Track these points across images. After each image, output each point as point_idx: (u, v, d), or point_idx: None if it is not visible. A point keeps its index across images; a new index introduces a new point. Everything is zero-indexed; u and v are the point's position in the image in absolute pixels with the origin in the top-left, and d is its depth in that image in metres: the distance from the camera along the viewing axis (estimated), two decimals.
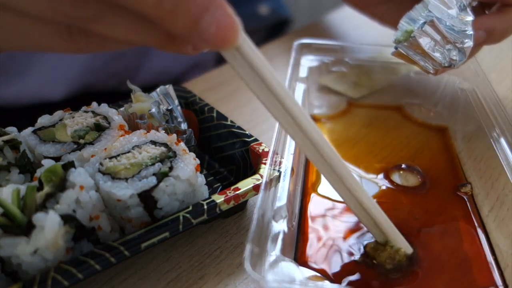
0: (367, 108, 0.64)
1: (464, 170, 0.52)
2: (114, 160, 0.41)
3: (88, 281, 0.41)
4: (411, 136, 0.59)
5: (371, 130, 0.60)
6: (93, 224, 0.38)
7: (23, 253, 0.34)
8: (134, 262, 0.43)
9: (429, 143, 0.58)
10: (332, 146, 0.35)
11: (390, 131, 0.60)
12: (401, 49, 0.52)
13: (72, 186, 0.37)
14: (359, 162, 0.54)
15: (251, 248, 0.34)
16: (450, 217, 0.46)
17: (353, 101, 0.65)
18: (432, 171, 0.52)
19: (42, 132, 0.46)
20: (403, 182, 0.51)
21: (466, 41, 0.50)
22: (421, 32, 0.49)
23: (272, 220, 0.39)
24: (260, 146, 0.48)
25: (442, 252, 0.42)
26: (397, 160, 0.54)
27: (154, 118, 0.49)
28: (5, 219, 0.35)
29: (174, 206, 0.41)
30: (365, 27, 0.87)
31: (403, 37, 0.52)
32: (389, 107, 0.64)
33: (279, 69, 0.77)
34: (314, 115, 0.63)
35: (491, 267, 0.41)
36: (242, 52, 0.30)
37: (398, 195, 0.49)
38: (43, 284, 0.34)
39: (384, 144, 0.57)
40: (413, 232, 0.44)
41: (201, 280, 0.42)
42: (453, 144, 0.57)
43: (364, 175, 0.52)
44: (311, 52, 0.65)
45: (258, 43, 0.88)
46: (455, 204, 0.48)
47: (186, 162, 0.41)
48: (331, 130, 0.61)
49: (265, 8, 1.03)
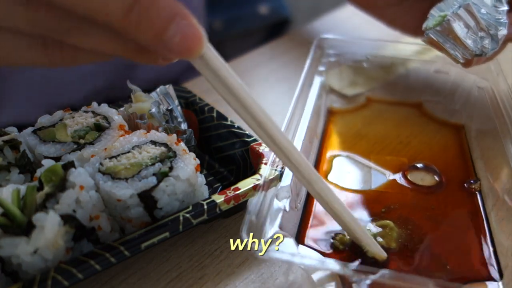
0: (385, 104, 0.64)
1: (476, 168, 0.52)
2: (114, 160, 0.41)
3: (88, 281, 0.41)
4: (426, 132, 0.59)
5: (386, 125, 0.60)
6: (93, 224, 0.38)
7: (23, 253, 0.35)
8: (134, 262, 0.43)
9: (444, 140, 0.58)
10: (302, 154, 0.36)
11: (406, 127, 0.60)
12: (432, 35, 0.51)
13: (72, 186, 0.37)
14: (370, 155, 0.54)
15: (249, 217, 0.36)
16: (457, 212, 0.46)
17: (372, 96, 0.65)
18: (445, 168, 0.52)
19: (42, 132, 0.46)
20: (417, 180, 0.51)
21: (500, 29, 0.48)
22: (455, 15, 0.48)
23: (275, 198, 0.40)
24: (260, 146, 0.48)
25: (442, 243, 0.43)
26: (411, 156, 0.54)
27: (154, 118, 0.49)
28: (5, 219, 0.35)
29: (174, 206, 0.41)
30: (365, 27, 0.87)
31: (436, 21, 0.51)
32: (408, 103, 0.64)
33: (279, 69, 0.77)
34: (332, 108, 0.63)
35: (491, 263, 0.41)
36: (206, 59, 0.31)
37: (405, 189, 0.49)
38: (43, 284, 0.34)
39: (399, 140, 0.57)
40: (417, 223, 0.45)
41: (201, 280, 0.42)
42: (468, 142, 0.57)
43: (374, 167, 0.52)
44: (332, 47, 0.64)
45: (258, 43, 0.89)
46: (464, 199, 0.48)
47: (186, 162, 0.41)
48: (346, 123, 0.61)
49: (265, 8, 1.03)
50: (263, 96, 0.70)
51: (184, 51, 0.29)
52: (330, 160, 0.54)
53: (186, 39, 0.29)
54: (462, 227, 0.45)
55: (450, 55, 0.52)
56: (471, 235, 0.44)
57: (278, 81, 0.74)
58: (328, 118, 0.61)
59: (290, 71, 0.77)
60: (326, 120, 0.61)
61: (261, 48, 0.84)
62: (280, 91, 0.71)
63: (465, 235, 0.44)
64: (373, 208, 0.46)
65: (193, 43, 0.29)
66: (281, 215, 0.40)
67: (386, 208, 0.46)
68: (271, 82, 0.74)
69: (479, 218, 0.46)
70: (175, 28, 0.28)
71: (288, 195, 0.41)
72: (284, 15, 1.04)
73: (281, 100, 0.69)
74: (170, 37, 0.29)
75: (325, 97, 0.63)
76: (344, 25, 0.92)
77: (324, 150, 0.55)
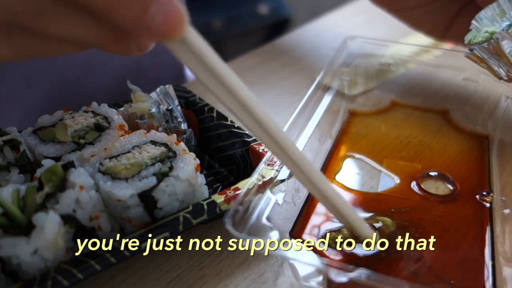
0: (410, 109, 0.64)
1: (491, 180, 0.51)
2: (114, 160, 0.41)
3: (88, 281, 0.41)
4: (446, 140, 0.58)
5: (407, 130, 0.59)
6: (93, 224, 0.38)
7: (23, 253, 0.34)
8: (134, 262, 0.43)
9: (465, 149, 0.56)
10: (287, 134, 0.35)
11: (427, 133, 0.59)
12: (477, 52, 0.49)
13: (72, 186, 0.37)
14: (383, 158, 0.54)
15: (235, 207, 0.36)
16: (463, 223, 0.46)
17: (397, 100, 0.65)
18: (460, 177, 0.51)
19: (42, 132, 0.46)
20: (430, 188, 0.50)
21: None
22: (505, 34, 0.46)
23: (269, 191, 0.40)
24: (260, 146, 0.48)
25: (441, 252, 0.42)
26: (427, 162, 0.53)
27: (154, 118, 0.49)
28: (5, 219, 0.35)
29: (174, 206, 0.41)
30: (366, 27, 0.87)
31: (483, 38, 0.49)
32: (433, 110, 0.63)
33: (279, 68, 0.77)
34: (355, 109, 0.63)
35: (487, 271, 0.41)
36: (188, 43, 0.29)
37: (413, 195, 0.49)
38: (43, 284, 0.34)
39: (417, 146, 0.57)
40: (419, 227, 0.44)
41: (201, 280, 0.42)
42: (489, 153, 0.55)
43: (385, 171, 0.52)
44: (358, 48, 0.64)
45: (258, 43, 0.89)
46: (473, 210, 0.47)
47: (186, 162, 0.41)
48: (366, 126, 0.60)
49: (265, 8, 1.03)
50: (263, 96, 0.70)
51: (166, 32, 0.28)
52: (341, 160, 0.54)
53: (168, 18, 0.27)
54: (466, 238, 0.44)
55: (494, 72, 0.50)
56: (473, 247, 0.43)
57: (278, 81, 0.74)
58: (348, 119, 0.61)
59: (290, 71, 0.77)
60: (345, 120, 0.60)
61: (261, 48, 0.84)
62: (280, 91, 0.71)
63: (467, 247, 0.43)
64: (374, 209, 0.46)
65: (175, 23, 0.28)
66: (271, 208, 0.39)
67: (394, 209, 0.46)
68: (271, 82, 0.74)
69: (484, 231, 0.45)
70: (157, 7, 0.27)
71: (284, 189, 0.41)
72: (284, 15, 1.05)
73: (281, 100, 0.69)
74: (151, 17, 0.27)
75: (345, 98, 0.63)
76: (344, 25, 0.92)
77: (336, 149, 0.55)
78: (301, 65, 0.79)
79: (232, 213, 0.35)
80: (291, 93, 0.71)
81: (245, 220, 0.37)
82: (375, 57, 0.65)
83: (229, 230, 0.34)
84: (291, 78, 0.75)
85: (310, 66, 0.79)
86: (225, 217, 0.35)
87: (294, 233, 0.43)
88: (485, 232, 0.44)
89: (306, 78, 0.74)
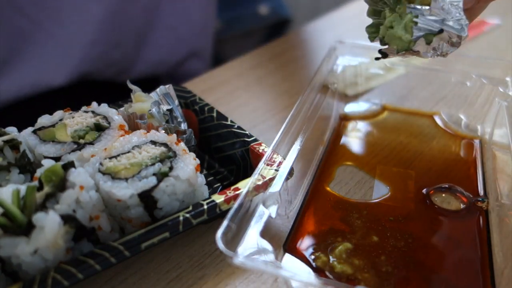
0: (401, 113, 0.64)
1: (486, 184, 0.51)
2: (114, 160, 0.41)
3: (88, 281, 0.41)
4: (439, 144, 0.57)
5: (400, 135, 0.59)
6: (93, 224, 0.38)
7: (23, 253, 0.34)
8: (134, 262, 0.43)
9: (458, 153, 0.56)
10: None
11: (419, 138, 0.59)
12: (394, 55, 0.47)
13: (72, 186, 0.37)
14: (377, 164, 0.53)
15: (227, 223, 0.35)
16: (457, 228, 0.46)
17: (388, 104, 0.64)
18: (455, 182, 0.51)
19: (42, 132, 0.46)
20: (443, 204, 0.48)
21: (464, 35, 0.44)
22: (421, 43, 0.44)
23: (261, 204, 0.39)
24: (260, 146, 0.48)
25: (436, 258, 0.42)
26: (420, 168, 0.53)
27: (154, 118, 0.49)
28: (5, 219, 0.35)
29: (174, 206, 0.41)
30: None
31: (401, 46, 0.46)
32: (424, 114, 0.63)
33: (278, 69, 0.77)
34: (346, 114, 0.63)
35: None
36: None
37: (408, 203, 0.48)
38: (43, 284, 0.34)
39: (410, 150, 0.56)
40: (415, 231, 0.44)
41: (201, 280, 0.42)
42: (482, 156, 0.55)
43: (378, 178, 0.51)
44: (348, 53, 0.64)
45: (258, 43, 0.89)
46: (469, 216, 0.47)
47: (186, 162, 0.41)
48: (357, 131, 0.60)
49: (265, 8, 1.03)
50: (263, 96, 0.70)
51: None
52: (333, 168, 0.53)
53: None
54: (462, 243, 0.44)
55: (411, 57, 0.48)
56: (468, 253, 0.43)
57: (278, 81, 0.74)
58: (338, 124, 0.61)
59: (289, 71, 0.77)
60: (336, 126, 0.60)
61: (261, 48, 0.84)
62: (279, 92, 0.71)
63: (464, 252, 0.43)
64: (370, 218, 0.46)
65: None
66: (265, 222, 0.39)
67: (392, 218, 0.45)
68: (270, 82, 0.74)
69: (479, 236, 0.44)
70: None
71: (277, 202, 0.41)
72: (284, 15, 1.04)
73: (280, 100, 0.69)
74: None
75: (337, 103, 0.62)
76: (344, 25, 0.92)
77: (329, 157, 0.55)
78: (300, 65, 0.80)
79: (224, 231, 0.34)
80: (290, 93, 0.71)
81: (238, 238, 0.35)
82: (365, 61, 0.64)
83: (222, 250, 0.33)
84: (291, 78, 0.75)
85: (309, 67, 0.79)
86: (217, 235, 0.33)
87: (288, 246, 0.42)
88: (483, 237, 0.44)
89: (306, 78, 0.74)
